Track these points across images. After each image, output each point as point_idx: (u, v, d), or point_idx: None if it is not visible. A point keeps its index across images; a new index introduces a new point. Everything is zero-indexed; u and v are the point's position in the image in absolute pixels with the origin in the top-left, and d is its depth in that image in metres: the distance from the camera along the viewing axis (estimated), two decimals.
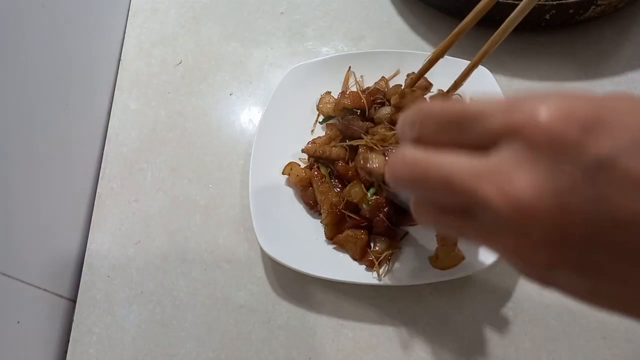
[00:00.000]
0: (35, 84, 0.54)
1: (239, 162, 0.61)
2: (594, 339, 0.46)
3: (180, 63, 0.70)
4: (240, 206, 0.58)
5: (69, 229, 0.58)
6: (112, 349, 0.53)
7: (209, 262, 0.56)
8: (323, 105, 0.58)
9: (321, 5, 0.72)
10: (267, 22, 0.72)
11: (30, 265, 0.51)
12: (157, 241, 0.58)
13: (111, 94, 0.69)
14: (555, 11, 0.56)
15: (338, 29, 0.69)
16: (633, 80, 0.58)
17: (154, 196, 0.60)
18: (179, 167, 0.62)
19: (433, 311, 0.50)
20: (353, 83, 0.60)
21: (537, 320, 0.48)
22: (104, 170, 0.63)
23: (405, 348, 0.49)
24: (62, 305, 0.55)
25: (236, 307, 0.53)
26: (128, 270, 0.56)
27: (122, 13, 0.75)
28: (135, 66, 0.71)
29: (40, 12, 0.56)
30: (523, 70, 0.60)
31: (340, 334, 0.50)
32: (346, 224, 0.51)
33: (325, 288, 0.52)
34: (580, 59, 0.60)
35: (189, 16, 0.74)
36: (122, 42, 0.73)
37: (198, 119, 0.65)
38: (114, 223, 0.59)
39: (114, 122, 0.67)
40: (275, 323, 0.51)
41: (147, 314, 0.54)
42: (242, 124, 0.64)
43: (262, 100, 0.65)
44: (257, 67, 0.68)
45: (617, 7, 0.57)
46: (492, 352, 0.47)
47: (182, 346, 0.52)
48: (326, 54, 0.67)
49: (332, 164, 0.54)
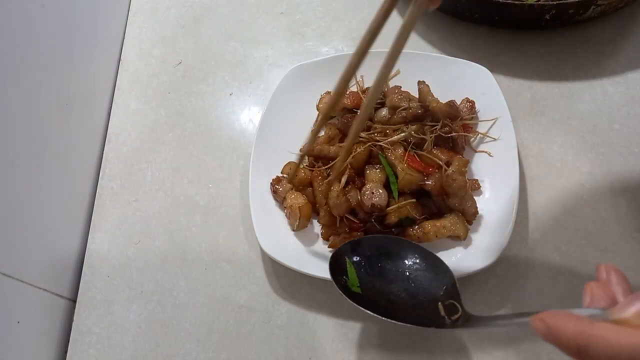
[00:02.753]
0: (35, 84, 0.54)
1: (239, 162, 0.61)
2: None
3: (180, 63, 0.70)
4: (240, 206, 0.58)
5: (69, 229, 0.58)
6: (112, 349, 0.53)
7: (209, 262, 0.56)
8: (323, 105, 0.58)
9: (321, 5, 0.72)
10: (267, 22, 0.72)
11: (30, 265, 0.51)
12: (157, 241, 0.58)
13: (111, 94, 0.69)
14: (555, 11, 0.56)
15: (338, 29, 0.69)
16: (633, 80, 0.58)
17: (154, 196, 0.60)
18: (179, 167, 0.62)
19: None
20: (353, 83, 0.60)
21: None
22: (104, 170, 0.63)
23: (405, 348, 0.48)
24: (62, 305, 0.55)
25: (236, 307, 0.53)
26: (128, 270, 0.56)
27: (122, 13, 0.75)
28: (135, 66, 0.71)
29: (40, 12, 0.56)
30: (523, 70, 0.60)
31: (340, 334, 0.50)
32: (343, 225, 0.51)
33: (325, 288, 0.52)
34: (580, 59, 0.60)
35: (189, 16, 0.74)
36: (122, 42, 0.73)
37: (198, 119, 0.65)
38: (114, 223, 0.59)
39: (114, 122, 0.67)
40: (275, 323, 0.51)
41: (147, 314, 0.54)
42: (242, 124, 0.64)
43: (262, 100, 0.65)
44: (257, 67, 0.68)
45: (617, 7, 0.57)
46: (492, 352, 0.47)
47: (182, 346, 0.52)
48: (326, 54, 0.67)
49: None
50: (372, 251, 0.47)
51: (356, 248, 0.47)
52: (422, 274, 0.45)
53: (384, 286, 0.45)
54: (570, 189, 0.53)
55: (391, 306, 0.44)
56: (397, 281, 0.45)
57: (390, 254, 0.46)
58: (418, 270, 0.45)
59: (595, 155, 0.55)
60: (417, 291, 0.44)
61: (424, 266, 0.45)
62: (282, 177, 0.55)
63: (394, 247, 0.47)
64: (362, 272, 0.46)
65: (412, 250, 0.46)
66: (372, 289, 0.45)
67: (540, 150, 0.56)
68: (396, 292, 0.45)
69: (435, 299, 0.43)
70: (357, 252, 0.47)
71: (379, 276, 0.45)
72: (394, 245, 0.47)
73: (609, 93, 0.58)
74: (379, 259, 0.46)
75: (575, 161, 0.55)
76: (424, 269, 0.45)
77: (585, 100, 0.58)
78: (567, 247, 0.50)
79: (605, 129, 0.56)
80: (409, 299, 0.44)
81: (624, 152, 0.54)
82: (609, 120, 0.56)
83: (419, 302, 0.43)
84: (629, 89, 0.58)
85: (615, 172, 0.53)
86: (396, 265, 0.46)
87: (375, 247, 0.47)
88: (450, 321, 0.41)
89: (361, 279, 0.45)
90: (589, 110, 0.57)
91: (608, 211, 0.51)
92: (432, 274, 0.44)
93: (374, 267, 0.46)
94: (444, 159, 0.50)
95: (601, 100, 0.58)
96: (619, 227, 0.51)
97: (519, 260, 0.50)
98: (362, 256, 0.46)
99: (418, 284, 0.45)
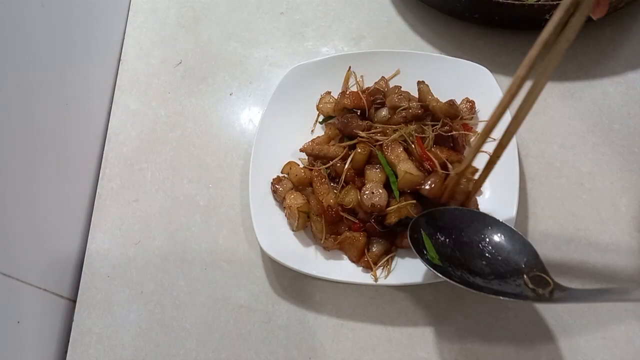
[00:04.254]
0: (35, 84, 0.54)
1: (239, 162, 0.61)
2: (594, 339, 0.46)
3: (180, 63, 0.70)
4: (240, 206, 0.58)
5: (69, 229, 0.58)
6: (112, 349, 0.53)
7: (209, 262, 0.56)
8: (323, 105, 0.58)
9: (321, 5, 0.72)
10: (267, 22, 0.72)
11: (31, 265, 0.51)
12: (157, 241, 0.58)
13: (111, 94, 0.69)
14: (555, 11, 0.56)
15: (338, 29, 0.69)
16: (633, 80, 0.58)
17: (154, 196, 0.60)
18: (179, 167, 0.62)
19: (433, 311, 0.50)
20: (353, 83, 0.60)
21: (537, 320, 0.48)
22: (104, 170, 0.63)
23: (405, 348, 0.49)
24: (62, 305, 0.55)
25: (236, 307, 0.53)
26: (128, 270, 0.56)
27: (122, 13, 0.75)
28: (135, 66, 0.71)
29: (40, 12, 0.56)
30: None
31: (340, 334, 0.50)
32: (342, 226, 0.51)
33: (325, 288, 0.52)
34: (580, 59, 0.60)
35: (189, 16, 0.74)
36: (122, 42, 0.73)
37: (198, 119, 0.65)
38: (114, 223, 0.59)
39: (114, 122, 0.67)
40: (275, 323, 0.51)
41: (147, 314, 0.54)
42: (242, 124, 0.64)
43: (262, 100, 0.65)
44: (257, 67, 0.68)
45: (617, 7, 0.57)
46: (492, 352, 0.47)
47: (182, 346, 0.52)
48: (326, 54, 0.67)
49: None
50: (444, 223, 0.45)
51: (430, 221, 0.45)
52: (499, 245, 0.43)
53: (462, 258, 0.43)
54: (570, 189, 0.53)
55: (473, 279, 0.41)
56: (474, 253, 0.43)
57: (462, 225, 0.45)
58: (494, 242, 0.43)
59: (595, 155, 0.55)
60: (496, 263, 0.42)
61: (499, 238, 0.43)
62: (282, 177, 0.55)
63: (466, 218, 0.45)
64: (438, 245, 0.44)
65: (485, 222, 0.44)
66: (451, 261, 0.43)
67: (540, 150, 0.56)
68: (475, 264, 0.42)
69: (518, 271, 0.41)
70: (431, 224, 0.45)
71: (456, 248, 0.44)
72: (466, 217, 0.45)
73: (609, 93, 0.58)
74: (453, 231, 0.45)
75: (575, 161, 0.55)
76: (500, 240, 0.43)
77: (585, 100, 0.58)
78: (567, 247, 0.50)
79: (605, 129, 0.56)
80: (491, 271, 0.42)
81: (624, 152, 0.54)
82: (609, 120, 0.56)
83: (500, 274, 0.41)
84: (629, 89, 0.58)
85: (615, 172, 0.53)
86: (470, 237, 0.44)
87: (448, 219, 0.45)
88: (546, 293, 0.39)
89: (439, 251, 0.43)
90: (589, 110, 0.57)
91: (608, 211, 0.51)
92: (509, 245, 0.42)
93: (449, 239, 0.44)
94: (444, 157, 0.50)
95: (601, 100, 0.58)
96: (619, 227, 0.51)
97: None
98: (436, 228, 0.45)
99: (496, 255, 0.42)
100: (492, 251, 0.43)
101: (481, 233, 0.44)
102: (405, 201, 0.49)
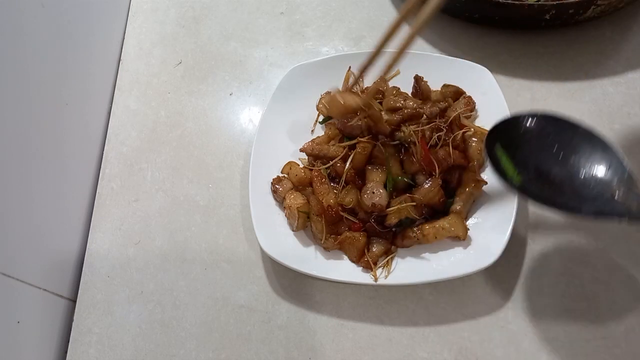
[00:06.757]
0: (35, 84, 0.54)
1: (239, 162, 0.61)
2: (594, 339, 0.46)
3: (180, 63, 0.70)
4: (240, 206, 0.58)
5: (69, 229, 0.58)
6: (112, 349, 0.53)
7: (209, 262, 0.56)
8: (323, 105, 0.58)
9: (321, 5, 0.72)
10: (267, 22, 0.72)
11: (31, 265, 0.51)
12: (157, 241, 0.58)
13: (111, 94, 0.69)
14: (555, 11, 0.56)
15: (338, 29, 0.69)
16: (633, 80, 0.58)
17: (154, 196, 0.60)
18: (179, 167, 0.62)
19: (433, 311, 0.50)
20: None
21: (537, 320, 0.48)
22: (104, 170, 0.63)
23: (405, 348, 0.49)
24: (62, 305, 0.55)
25: (236, 307, 0.53)
26: (128, 270, 0.57)
27: (122, 13, 0.75)
28: (135, 66, 0.71)
29: (40, 12, 0.56)
30: (523, 70, 0.60)
31: (340, 334, 0.50)
32: (342, 226, 0.51)
33: (325, 288, 0.52)
34: (580, 59, 0.60)
35: (189, 16, 0.74)
36: (122, 42, 0.73)
37: (198, 119, 0.65)
38: (114, 223, 0.59)
39: (114, 122, 0.67)
40: (275, 323, 0.51)
41: (147, 314, 0.54)
42: (242, 124, 0.64)
43: (262, 100, 0.65)
44: (257, 67, 0.68)
45: (617, 7, 0.57)
46: (492, 352, 0.47)
47: (182, 346, 0.52)
48: (326, 54, 0.67)
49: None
50: (519, 132, 0.40)
51: (504, 133, 0.41)
52: (585, 157, 0.38)
53: (544, 171, 0.38)
54: None
55: (559, 195, 0.37)
56: (558, 165, 0.38)
57: (543, 134, 0.40)
58: (579, 152, 0.39)
59: None
60: (581, 175, 0.37)
61: (585, 148, 0.39)
62: (282, 177, 0.55)
63: (549, 126, 0.40)
64: (517, 158, 0.39)
65: (569, 130, 0.39)
66: (531, 174, 0.39)
67: None
68: (561, 177, 0.38)
69: (608, 186, 0.36)
70: (505, 137, 0.41)
71: (537, 159, 0.39)
72: (549, 125, 0.40)
73: (609, 93, 0.58)
74: (532, 140, 0.40)
75: None
76: (586, 151, 0.39)
77: (585, 100, 0.58)
78: (567, 247, 0.50)
79: (605, 129, 0.56)
80: (578, 186, 0.37)
81: (624, 152, 0.54)
82: (609, 120, 0.56)
83: (590, 190, 0.37)
84: (629, 89, 0.58)
85: None
86: (552, 146, 0.39)
87: (524, 129, 0.41)
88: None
89: (518, 165, 0.39)
90: (589, 110, 0.57)
91: None
92: (598, 157, 0.38)
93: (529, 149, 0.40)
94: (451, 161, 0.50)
95: (601, 100, 0.58)
96: (619, 227, 0.50)
97: (518, 260, 0.50)
98: (512, 139, 0.40)
99: (583, 168, 0.38)
100: (579, 163, 0.38)
101: (566, 141, 0.39)
102: (405, 202, 0.49)
